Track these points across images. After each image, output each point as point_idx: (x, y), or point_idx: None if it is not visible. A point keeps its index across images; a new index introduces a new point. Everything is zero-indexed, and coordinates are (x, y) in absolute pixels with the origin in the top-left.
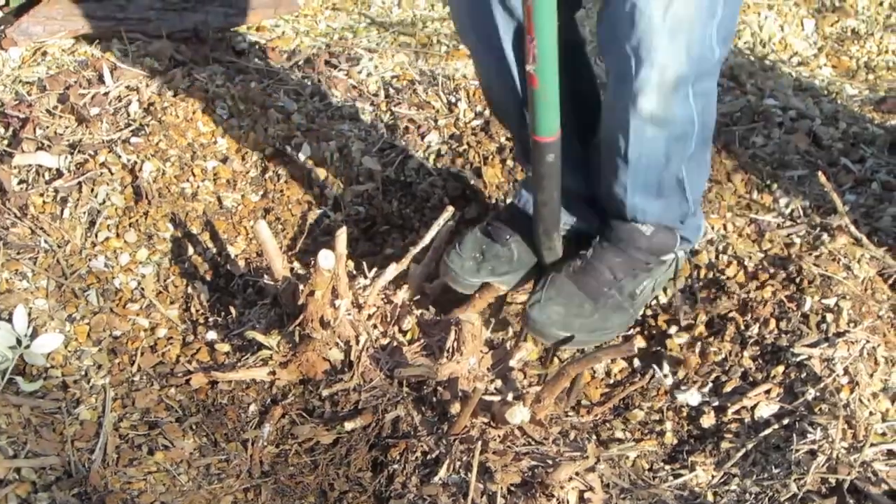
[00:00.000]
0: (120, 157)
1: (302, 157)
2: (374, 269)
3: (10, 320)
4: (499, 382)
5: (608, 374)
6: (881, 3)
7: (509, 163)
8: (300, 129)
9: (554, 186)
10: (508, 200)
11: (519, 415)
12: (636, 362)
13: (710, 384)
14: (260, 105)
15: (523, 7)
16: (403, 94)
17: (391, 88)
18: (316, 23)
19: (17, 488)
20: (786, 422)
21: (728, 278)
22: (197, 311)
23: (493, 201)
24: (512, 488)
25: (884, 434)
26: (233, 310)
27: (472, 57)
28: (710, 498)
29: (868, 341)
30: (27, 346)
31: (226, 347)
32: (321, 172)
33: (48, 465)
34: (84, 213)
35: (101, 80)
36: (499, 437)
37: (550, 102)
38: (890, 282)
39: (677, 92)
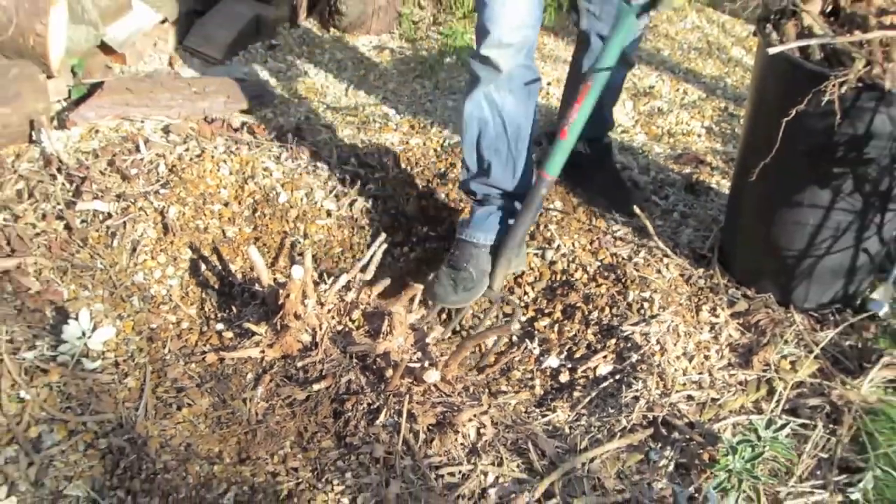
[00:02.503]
0: (152, 203)
1: (281, 201)
2: (332, 278)
3: (77, 319)
4: (419, 354)
5: (495, 347)
6: (677, 90)
7: (423, 202)
8: (279, 182)
9: (536, 212)
10: (458, 236)
11: (433, 376)
12: (514, 338)
13: (565, 352)
14: (250, 166)
15: (581, 84)
16: (350, 157)
17: (342, 153)
18: (288, 108)
19: (84, 436)
20: (618, 377)
21: (576, 280)
22: (209, 309)
23: (415, 229)
24: (430, 427)
25: (684, 384)
26: (234, 308)
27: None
28: (566, 430)
29: (673, 321)
30: (89, 337)
31: (230, 334)
32: (294, 212)
33: (106, 419)
34: (128, 243)
35: (137, 149)
36: (420, 392)
37: (566, 153)
38: (687, 280)
39: None
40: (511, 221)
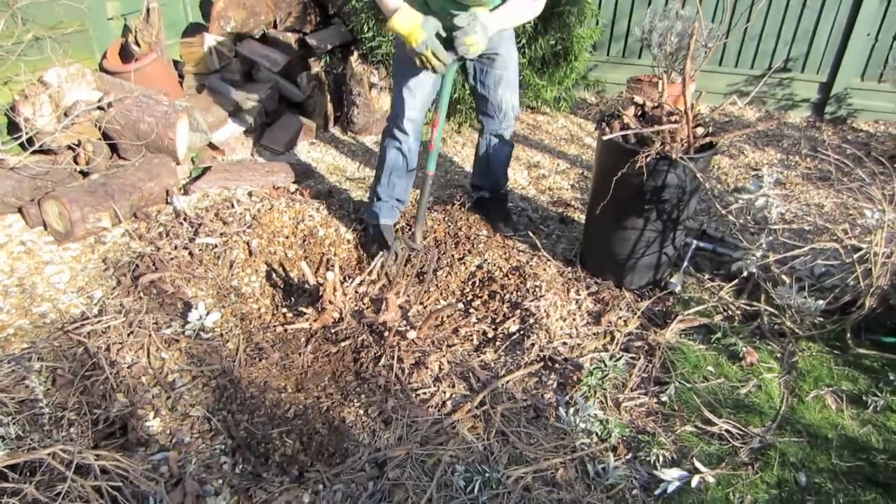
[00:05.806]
0: (242, 237)
1: (320, 234)
2: (351, 279)
3: (197, 308)
4: (404, 322)
5: (449, 317)
6: (554, 163)
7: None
8: (318, 223)
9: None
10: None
11: (412, 334)
12: (459, 312)
13: (490, 319)
14: (301, 214)
15: (433, 117)
16: (360, 208)
17: (355, 206)
18: (323, 180)
19: (201, 379)
20: (521, 332)
21: (496, 275)
22: (278, 300)
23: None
24: (411, 365)
25: (561, 335)
26: (292, 299)
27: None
28: (492, 364)
29: (553, 298)
30: (204, 319)
31: (290, 314)
32: (328, 241)
33: (215, 368)
34: (227, 261)
35: (232, 205)
36: (405, 344)
37: (436, 157)
38: (561, 274)
39: None
40: (396, 211)
